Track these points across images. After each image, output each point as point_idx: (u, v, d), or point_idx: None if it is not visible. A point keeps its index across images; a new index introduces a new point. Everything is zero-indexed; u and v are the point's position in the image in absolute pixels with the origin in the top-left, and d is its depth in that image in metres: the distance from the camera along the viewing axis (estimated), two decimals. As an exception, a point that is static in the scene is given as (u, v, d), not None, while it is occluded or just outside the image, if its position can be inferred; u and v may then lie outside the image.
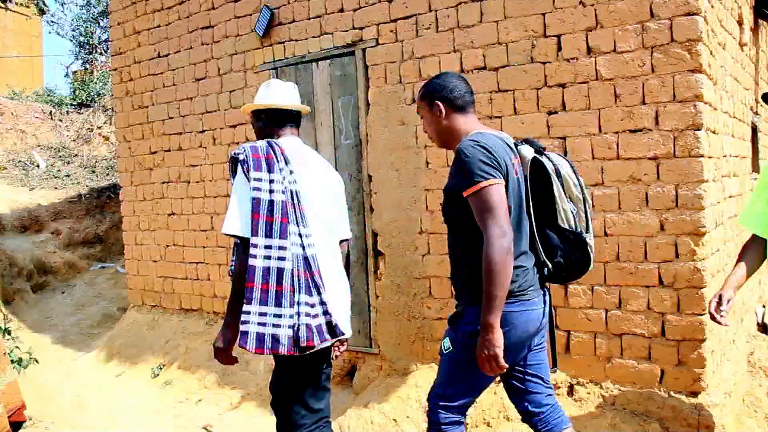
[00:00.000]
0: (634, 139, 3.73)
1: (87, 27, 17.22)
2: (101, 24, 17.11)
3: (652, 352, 3.70)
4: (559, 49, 3.96)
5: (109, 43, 7.38)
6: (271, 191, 2.77)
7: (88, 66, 17.67)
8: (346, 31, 4.91)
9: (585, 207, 2.75)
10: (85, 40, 17.36)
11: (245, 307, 2.67)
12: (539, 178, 2.66)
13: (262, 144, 2.90)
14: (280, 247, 2.70)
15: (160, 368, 5.95)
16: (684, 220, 3.58)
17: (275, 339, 2.66)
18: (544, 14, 4.01)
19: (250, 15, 5.59)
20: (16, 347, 5.06)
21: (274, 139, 3.00)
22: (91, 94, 15.62)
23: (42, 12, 22.90)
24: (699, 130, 3.55)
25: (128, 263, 7.13)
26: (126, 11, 6.87)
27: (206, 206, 6.08)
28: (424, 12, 4.50)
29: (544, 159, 2.69)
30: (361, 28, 4.83)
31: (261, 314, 2.67)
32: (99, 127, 14.31)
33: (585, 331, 3.91)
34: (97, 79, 16.00)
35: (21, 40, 24.59)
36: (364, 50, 4.82)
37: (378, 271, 4.82)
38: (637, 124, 3.72)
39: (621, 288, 3.79)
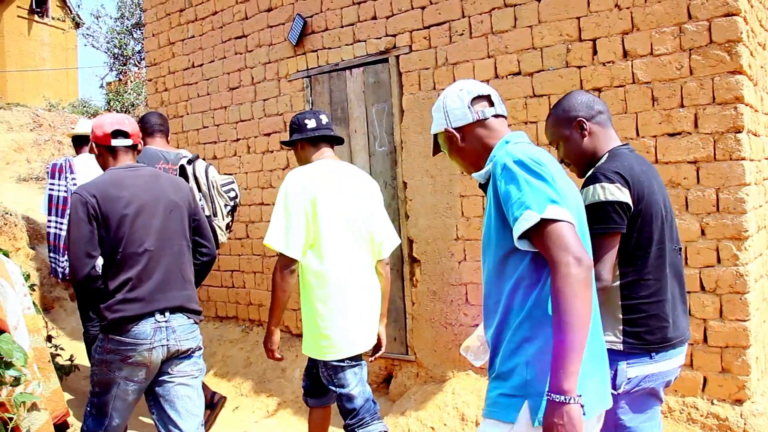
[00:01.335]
0: (673, 143, 3.68)
1: (121, 39, 17.53)
2: (135, 36, 17.41)
3: (694, 359, 3.64)
4: (595, 52, 3.93)
5: (144, 54, 7.50)
6: None
7: (122, 77, 17.97)
8: (379, 38, 4.93)
9: (212, 199, 4.31)
10: (119, 52, 17.67)
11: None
12: (183, 177, 4.11)
13: None
14: None
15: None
16: (725, 224, 3.52)
17: None
18: (578, 18, 3.99)
19: (283, 24, 5.64)
20: (58, 354, 5.14)
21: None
22: (125, 104, 15.88)
23: (77, 25, 23.40)
24: (740, 132, 3.49)
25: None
26: (160, 23, 6.98)
27: (241, 214, 6.13)
28: (457, 18, 4.50)
29: (189, 166, 4.23)
30: (394, 35, 4.85)
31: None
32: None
33: (624, 338, 3.86)
34: (131, 89, 16.26)
35: (57, 53, 25.14)
36: (397, 57, 4.83)
37: (414, 278, 4.82)
38: (675, 127, 3.67)
39: (661, 294, 3.73)
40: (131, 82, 16.88)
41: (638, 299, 2.33)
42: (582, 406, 1.67)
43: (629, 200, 2.29)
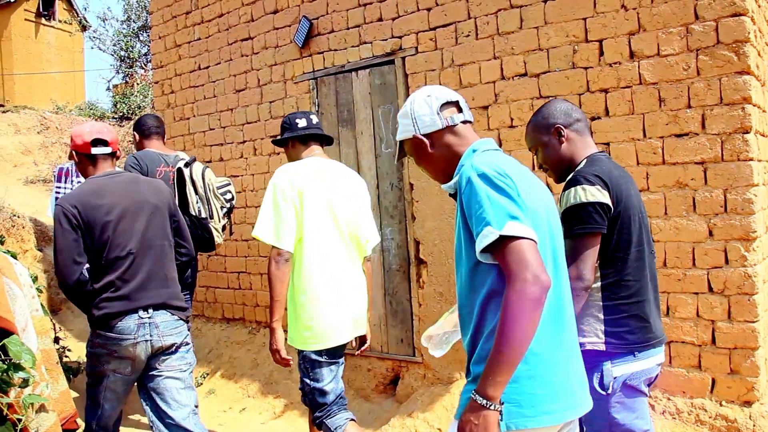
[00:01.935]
0: (680, 144, 3.67)
1: (127, 42, 17.58)
2: (141, 38, 17.46)
3: (702, 360, 3.63)
4: (601, 53, 3.92)
5: (151, 56, 7.52)
6: None
7: (128, 79, 18.02)
8: (386, 40, 4.93)
9: (209, 201, 4.38)
10: (126, 55, 17.72)
11: None
12: (181, 181, 4.26)
13: None
14: None
15: (204, 377, 6.01)
16: (733, 225, 3.51)
17: None
18: (585, 19, 3.98)
19: (289, 26, 5.65)
20: (66, 356, 5.16)
21: None
22: (132, 107, 15.92)
23: (84, 28, 23.49)
24: (747, 133, 3.48)
25: (171, 273, 7.22)
26: (167, 25, 7.00)
27: (247, 216, 6.14)
28: (463, 19, 4.50)
29: (186, 168, 4.27)
30: (400, 37, 4.85)
31: None
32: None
33: (632, 339, 3.85)
34: (138, 92, 16.30)
35: (64, 56, 25.24)
36: (403, 59, 4.83)
37: (420, 280, 4.82)
38: (682, 128, 3.66)
39: (669, 295, 3.72)
40: (138, 84, 16.92)
41: (619, 300, 2.39)
42: (501, 417, 1.74)
43: (609, 202, 2.36)
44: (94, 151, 3.29)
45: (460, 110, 2.11)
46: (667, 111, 3.70)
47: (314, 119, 3.59)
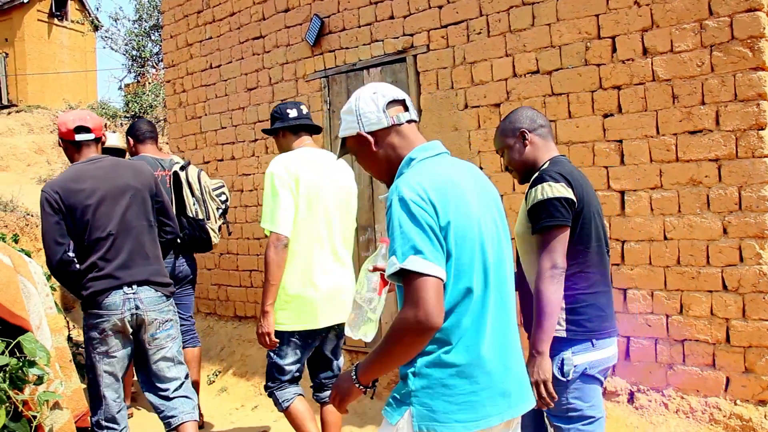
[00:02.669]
0: (694, 141, 3.64)
1: (139, 41, 17.68)
2: (152, 38, 17.55)
3: (716, 358, 3.60)
4: (614, 50, 3.90)
5: (163, 55, 7.55)
6: None
7: (140, 79, 18.12)
8: (397, 38, 4.92)
9: (205, 203, 4.53)
10: (137, 54, 17.82)
11: None
12: (177, 184, 4.44)
13: None
14: None
15: (216, 375, 6.03)
16: (748, 222, 3.48)
17: None
18: (597, 16, 3.96)
19: (301, 24, 5.66)
20: (79, 354, 5.18)
21: None
22: (143, 106, 16.00)
23: (96, 28, 23.62)
24: (763, 129, 3.45)
25: (183, 271, 7.25)
26: (178, 24, 7.02)
27: (258, 214, 6.14)
28: (475, 17, 4.49)
29: (182, 172, 4.45)
30: (411, 35, 4.84)
31: None
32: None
33: (645, 337, 3.83)
34: (149, 91, 16.39)
35: (76, 56, 25.40)
36: (415, 57, 4.83)
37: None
38: (696, 125, 3.63)
39: (682, 293, 3.70)
40: (149, 83, 17.02)
41: (579, 290, 2.56)
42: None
43: (574, 198, 2.54)
44: (78, 137, 3.48)
45: (406, 109, 2.09)
46: (681, 108, 3.68)
47: (304, 109, 3.69)
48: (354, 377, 1.95)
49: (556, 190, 2.51)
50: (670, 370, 3.75)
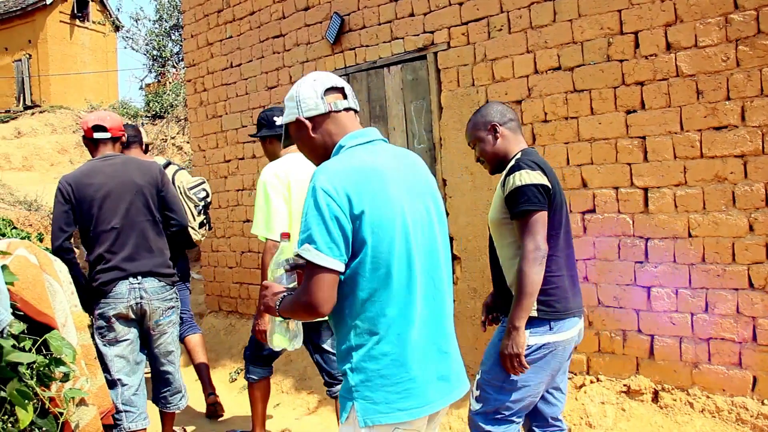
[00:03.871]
0: (719, 137, 3.59)
1: (159, 41, 17.80)
2: (173, 37, 17.66)
3: (742, 357, 3.56)
4: (637, 46, 3.86)
5: (183, 55, 7.60)
6: None
7: (160, 78, 18.25)
8: (417, 35, 4.91)
9: (187, 202, 4.68)
10: (158, 54, 17.95)
11: None
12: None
13: None
14: None
15: (238, 373, 6.06)
16: (775, 219, 3.43)
17: None
18: (620, 11, 3.92)
19: (321, 23, 5.66)
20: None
21: None
22: (164, 105, 16.12)
23: (117, 29, 23.84)
24: (790, 125, 3.40)
25: (205, 270, 7.31)
26: (199, 24, 7.06)
27: (280, 213, 6.17)
28: (495, 13, 4.47)
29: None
30: (431, 32, 4.83)
31: None
32: (172, 138, 14.74)
33: (670, 336, 3.79)
34: (170, 90, 16.50)
35: (98, 56, 25.65)
36: (435, 54, 4.81)
37: (454, 276, 4.80)
38: (721, 120, 3.59)
39: (708, 291, 3.65)
40: (170, 83, 17.13)
41: (549, 272, 2.70)
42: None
43: (549, 185, 2.70)
44: (95, 135, 3.76)
45: (345, 97, 2.13)
46: (705, 103, 3.63)
47: None
48: (278, 306, 2.02)
49: (534, 177, 2.66)
50: (695, 369, 3.71)
